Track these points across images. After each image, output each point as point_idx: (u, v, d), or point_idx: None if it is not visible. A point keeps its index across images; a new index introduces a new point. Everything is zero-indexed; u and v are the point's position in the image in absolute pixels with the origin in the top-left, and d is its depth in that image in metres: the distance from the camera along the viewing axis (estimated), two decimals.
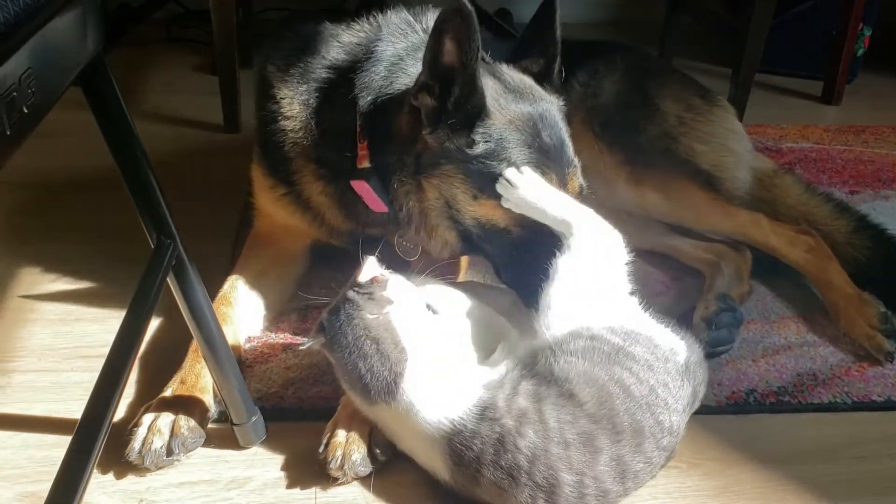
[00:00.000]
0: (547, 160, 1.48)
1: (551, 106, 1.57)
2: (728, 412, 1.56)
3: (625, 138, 1.94)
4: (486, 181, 1.46)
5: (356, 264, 1.39)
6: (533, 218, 1.44)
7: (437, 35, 1.39)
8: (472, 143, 1.45)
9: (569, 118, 2.02)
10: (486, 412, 1.23)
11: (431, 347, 1.32)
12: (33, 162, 2.23)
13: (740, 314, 1.75)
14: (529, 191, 1.42)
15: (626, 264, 1.42)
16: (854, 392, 1.62)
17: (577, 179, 1.54)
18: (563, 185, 1.50)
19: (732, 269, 1.89)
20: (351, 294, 1.32)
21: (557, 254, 1.39)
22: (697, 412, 1.43)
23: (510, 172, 1.43)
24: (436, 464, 1.28)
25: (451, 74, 1.42)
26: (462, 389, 1.28)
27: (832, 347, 1.75)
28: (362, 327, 1.28)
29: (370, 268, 1.38)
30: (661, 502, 1.35)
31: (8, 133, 0.78)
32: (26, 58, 0.82)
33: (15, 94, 0.79)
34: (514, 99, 1.52)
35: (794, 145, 2.74)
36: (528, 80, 1.59)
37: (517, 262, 1.50)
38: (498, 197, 1.45)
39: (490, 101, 1.46)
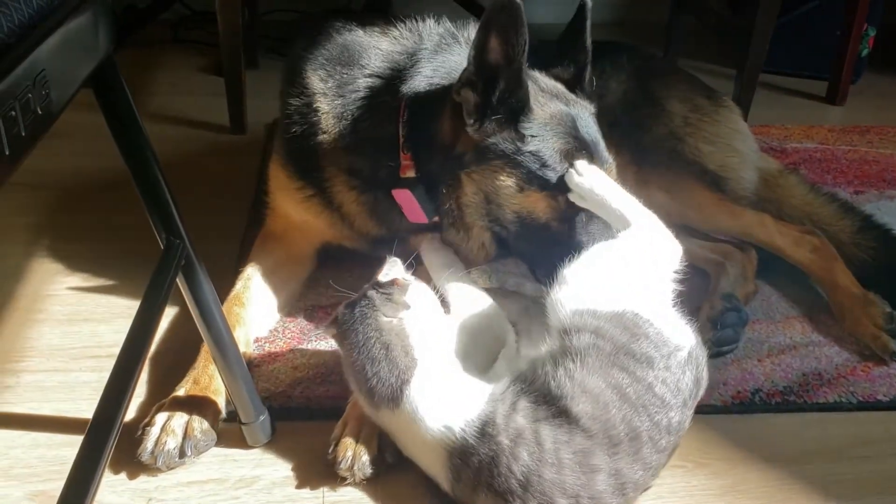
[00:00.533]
0: (587, 149, 1.52)
1: (584, 109, 1.61)
2: (733, 412, 1.56)
3: (631, 139, 1.95)
4: (533, 173, 1.49)
5: (365, 265, 1.40)
6: (594, 210, 1.48)
7: (484, 30, 1.41)
8: (521, 137, 1.48)
9: None
10: (486, 427, 1.21)
11: (442, 357, 1.32)
12: (42, 162, 2.24)
13: (745, 314, 1.75)
14: (597, 183, 1.45)
15: (674, 272, 1.40)
16: (859, 392, 1.62)
17: (613, 176, 1.56)
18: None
19: (738, 269, 1.90)
20: (370, 292, 1.32)
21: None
22: (703, 412, 1.43)
23: (582, 164, 1.48)
24: (438, 474, 1.28)
25: (495, 71, 1.44)
26: (466, 401, 1.26)
27: (837, 347, 1.75)
28: (374, 328, 1.29)
29: (393, 269, 1.38)
30: (667, 501, 1.36)
31: (23, 134, 0.79)
32: (40, 59, 0.83)
33: (29, 95, 0.80)
34: (550, 98, 1.55)
35: (799, 145, 2.74)
36: (560, 86, 1.63)
37: (552, 260, 1.49)
38: (543, 189, 1.49)
39: (532, 98, 1.50)
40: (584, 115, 1.59)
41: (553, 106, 1.54)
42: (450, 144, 1.54)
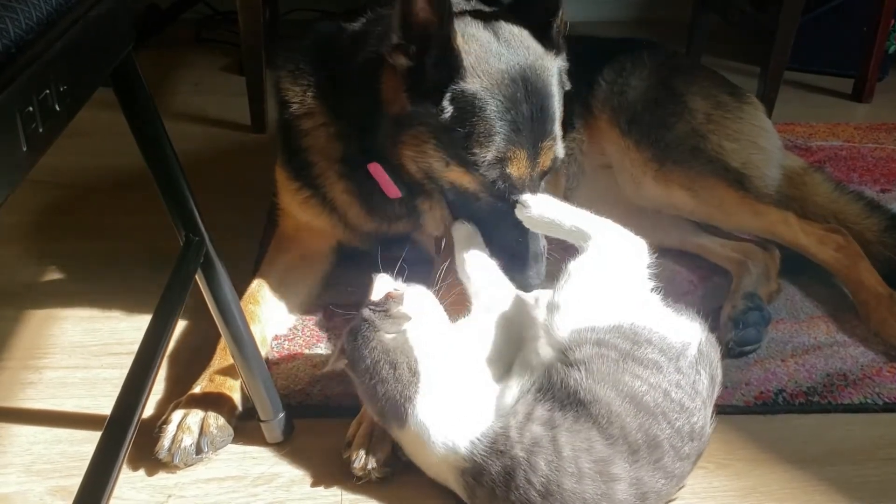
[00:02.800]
0: (517, 135, 1.42)
1: (544, 64, 1.48)
2: (756, 412, 1.54)
3: (652, 135, 1.93)
4: (456, 152, 1.42)
5: (384, 263, 1.40)
6: (549, 234, 1.45)
7: None
8: (441, 110, 1.40)
9: (595, 116, 2.03)
10: (496, 444, 1.19)
11: (449, 368, 1.29)
12: (59, 161, 2.26)
13: (768, 313, 1.73)
14: (545, 211, 1.41)
15: (648, 267, 1.37)
16: (885, 393, 1.59)
17: (552, 152, 1.48)
18: (533, 160, 1.45)
19: (760, 268, 1.88)
20: (367, 313, 1.30)
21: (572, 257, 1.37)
22: (725, 412, 1.42)
23: (525, 197, 1.42)
24: (453, 485, 1.27)
25: (426, 33, 1.37)
26: (474, 417, 1.24)
27: (863, 347, 1.73)
28: (380, 350, 1.26)
29: (382, 284, 1.35)
30: (688, 503, 1.34)
31: (41, 131, 0.79)
32: (59, 56, 0.83)
33: (48, 91, 0.80)
34: (501, 58, 1.43)
35: (824, 143, 2.71)
36: (525, 36, 1.49)
37: (497, 231, 1.47)
38: (464, 166, 1.43)
39: (471, 62, 1.40)
40: (539, 75, 1.45)
41: (497, 70, 1.41)
42: (389, 110, 1.48)
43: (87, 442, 1.41)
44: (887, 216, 1.96)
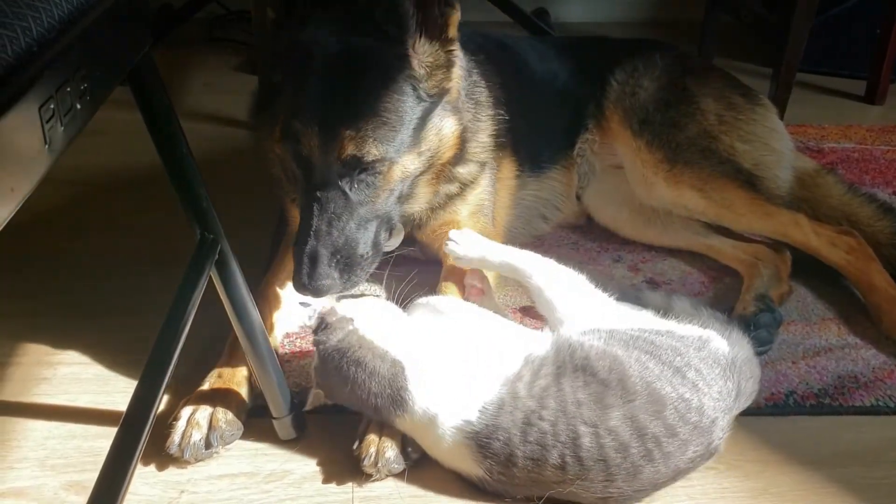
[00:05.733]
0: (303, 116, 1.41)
1: (367, 50, 1.43)
2: (767, 414, 1.54)
3: (664, 136, 1.93)
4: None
5: (396, 262, 1.40)
6: (485, 269, 1.55)
7: None
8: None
9: (607, 117, 2.03)
10: (503, 407, 1.25)
11: (435, 349, 1.32)
12: (77, 159, 2.27)
13: (779, 315, 1.73)
14: (470, 249, 1.52)
15: (588, 283, 1.49)
16: None
17: (350, 149, 1.42)
18: (325, 148, 1.41)
19: (771, 269, 1.88)
20: (315, 339, 1.33)
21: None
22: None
23: (453, 233, 1.52)
24: (465, 463, 1.29)
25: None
26: (478, 389, 1.28)
27: (874, 350, 1.72)
28: (344, 358, 1.29)
29: (308, 309, 1.39)
30: (699, 503, 1.34)
31: (61, 128, 0.80)
32: (79, 55, 0.84)
33: (68, 89, 0.81)
34: (321, 33, 1.44)
35: (836, 145, 2.70)
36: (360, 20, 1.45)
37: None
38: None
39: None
40: (351, 59, 1.43)
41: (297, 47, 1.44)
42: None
43: (101, 437, 1.42)
44: None
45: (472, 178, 1.76)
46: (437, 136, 1.56)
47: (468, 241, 1.52)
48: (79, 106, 0.83)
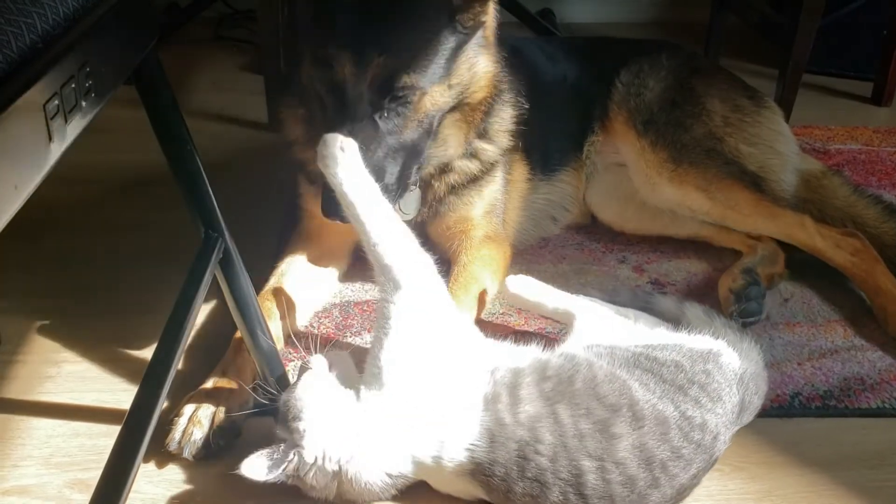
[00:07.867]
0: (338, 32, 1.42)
1: None
2: (772, 415, 1.53)
3: (669, 137, 1.93)
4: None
5: None
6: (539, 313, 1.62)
7: None
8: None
9: (612, 118, 2.03)
10: (494, 436, 1.21)
11: (388, 406, 1.26)
12: (83, 157, 2.27)
13: (763, 288, 1.78)
14: (521, 290, 1.60)
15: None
16: None
17: (383, 74, 1.43)
18: (358, 72, 1.42)
19: (769, 251, 1.90)
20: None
21: None
22: None
23: (511, 279, 1.59)
24: (473, 491, 1.28)
25: None
26: (458, 428, 1.23)
27: (880, 352, 1.71)
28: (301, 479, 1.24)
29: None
30: None
31: (66, 125, 0.80)
32: (84, 52, 0.84)
33: (73, 86, 0.81)
34: None
35: (843, 147, 2.69)
36: None
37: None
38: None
39: None
40: None
41: None
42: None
43: (104, 436, 1.42)
44: None
45: (491, 162, 1.76)
46: (469, 71, 1.56)
47: (522, 284, 1.57)
48: (84, 103, 0.84)
